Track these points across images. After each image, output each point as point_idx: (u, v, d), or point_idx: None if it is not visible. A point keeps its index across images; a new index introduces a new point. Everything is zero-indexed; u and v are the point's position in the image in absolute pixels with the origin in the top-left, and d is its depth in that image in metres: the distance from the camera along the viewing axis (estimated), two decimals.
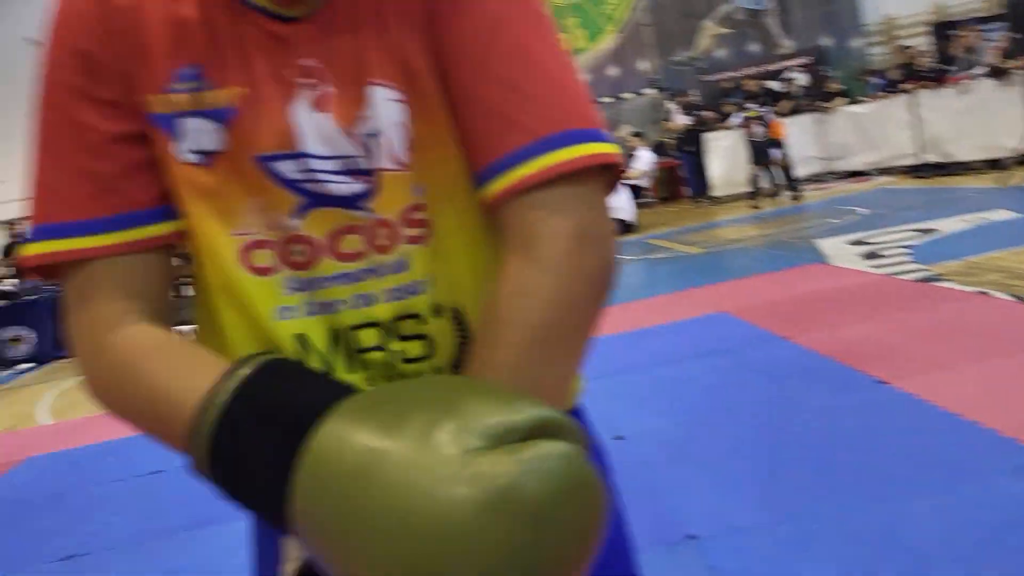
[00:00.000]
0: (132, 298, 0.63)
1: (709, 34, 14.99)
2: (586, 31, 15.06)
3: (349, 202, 0.64)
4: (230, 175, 0.63)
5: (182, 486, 2.18)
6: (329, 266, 0.65)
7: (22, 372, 8.51)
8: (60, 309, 0.65)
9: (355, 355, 0.66)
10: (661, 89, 14.59)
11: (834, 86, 12.37)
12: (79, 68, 0.62)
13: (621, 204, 10.42)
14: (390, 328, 0.66)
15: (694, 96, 13.78)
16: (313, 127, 0.62)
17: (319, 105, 0.62)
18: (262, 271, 0.65)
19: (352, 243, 0.65)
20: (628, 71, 15.02)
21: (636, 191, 11.07)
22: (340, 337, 0.66)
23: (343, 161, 0.63)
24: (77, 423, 5.42)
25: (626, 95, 14.77)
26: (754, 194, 10.76)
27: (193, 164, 0.63)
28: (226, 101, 0.63)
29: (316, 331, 0.66)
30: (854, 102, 11.69)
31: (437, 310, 0.67)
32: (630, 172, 11.38)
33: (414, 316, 0.66)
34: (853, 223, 7.56)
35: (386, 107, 0.63)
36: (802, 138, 11.36)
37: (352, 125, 0.63)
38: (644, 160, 11.51)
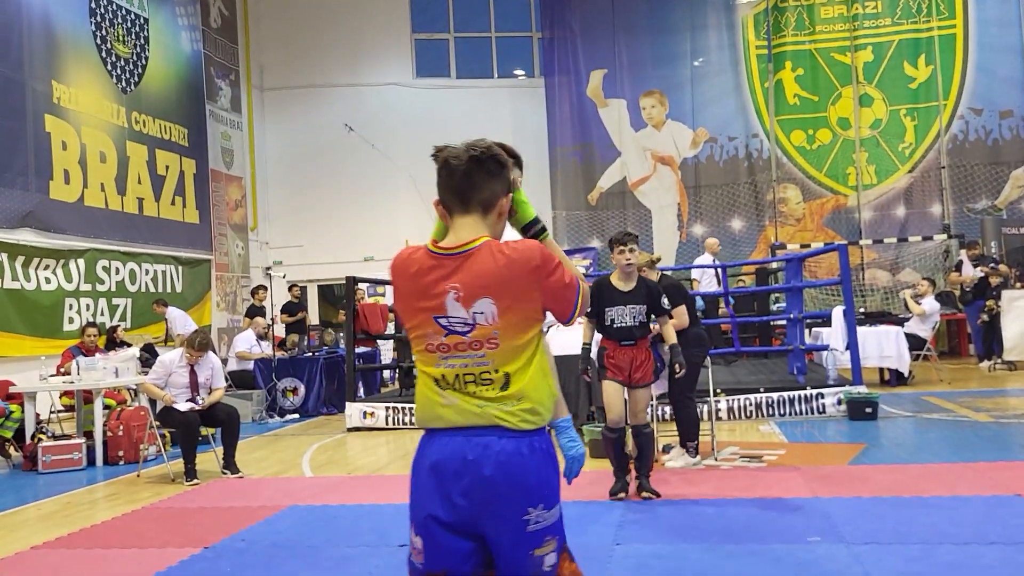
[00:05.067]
0: None
1: (1018, 184, 13.83)
2: (874, 166, 14.47)
3: (464, 332, 1.68)
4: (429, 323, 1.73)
5: None
6: (455, 353, 1.70)
7: (289, 422, 9.26)
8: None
9: (463, 384, 1.69)
10: (951, 236, 13.59)
11: None
12: None
13: (893, 352, 9.63)
14: (475, 376, 1.69)
15: (990, 248, 12.68)
16: (454, 306, 1.68)
17: (457, 299, 1.68)
18: (434, 353, 1.72)
19: (463, 346, 1.69)
20: (917, 213, 14.17)
21: (913, 341, 10.20)
22: (458, 377, 1.70)
23: (463, 318, 1.69)
24: (332, 480, 5.75)
25: (912, 238, 13.87)
26: None
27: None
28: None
29: (449, 374, 1.70)
30: None
31: (496, 370, 1.68)
32: (915, 308, 10.49)
33: (487, 372, 1.68)
34: None
35: (487, 305, 1.67)
36: None
37: (469, 307, 1.67)
38: (929, 307, 10.62)
